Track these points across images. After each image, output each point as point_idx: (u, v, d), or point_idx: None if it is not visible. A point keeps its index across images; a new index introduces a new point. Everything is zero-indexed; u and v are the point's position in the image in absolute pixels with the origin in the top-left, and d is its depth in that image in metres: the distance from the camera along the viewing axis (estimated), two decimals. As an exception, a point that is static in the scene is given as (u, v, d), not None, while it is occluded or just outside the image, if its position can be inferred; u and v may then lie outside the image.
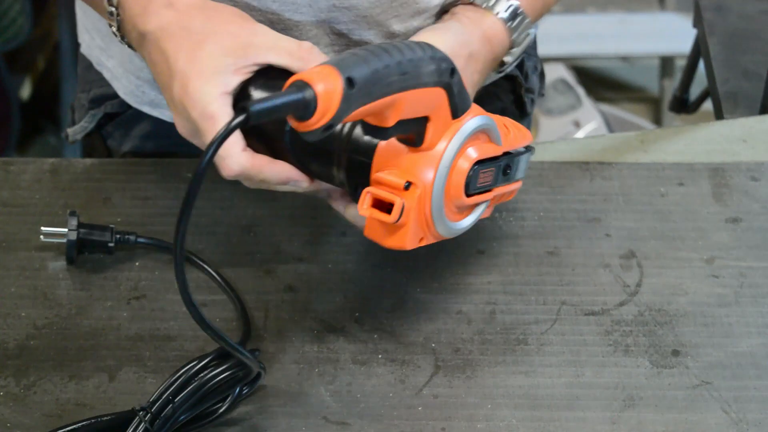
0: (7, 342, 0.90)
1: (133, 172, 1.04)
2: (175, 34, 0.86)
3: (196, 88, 0.83)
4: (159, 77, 0.87)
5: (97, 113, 1.12)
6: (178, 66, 0.84)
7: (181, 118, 0.85)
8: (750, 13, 1.51)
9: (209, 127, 0.83)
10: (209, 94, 0.83)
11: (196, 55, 0.84)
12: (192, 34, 0.85)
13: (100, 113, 1.12)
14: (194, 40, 0.85)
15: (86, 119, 1.12)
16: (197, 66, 0.84)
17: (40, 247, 0.96)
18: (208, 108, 0.83)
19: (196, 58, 0.84)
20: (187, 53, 0.85)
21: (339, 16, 0.96)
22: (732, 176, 1.05)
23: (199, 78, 0.84)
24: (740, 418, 0.85)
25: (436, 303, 0.93)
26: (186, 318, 0.91)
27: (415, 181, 0.81)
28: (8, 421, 0.84)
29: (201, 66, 0.84)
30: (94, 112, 1.12)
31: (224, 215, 1.00)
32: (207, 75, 0.84)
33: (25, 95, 2.35)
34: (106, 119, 1.12)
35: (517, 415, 0.85)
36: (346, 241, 0.98)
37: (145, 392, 0.86)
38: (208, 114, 0.83)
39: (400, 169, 0.82)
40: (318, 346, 0.90)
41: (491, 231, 0.99)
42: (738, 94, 1.39)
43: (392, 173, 0.82)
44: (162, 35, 0.86)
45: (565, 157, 1.06)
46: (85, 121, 1.12)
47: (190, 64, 0.84)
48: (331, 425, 0.84)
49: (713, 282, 0.95)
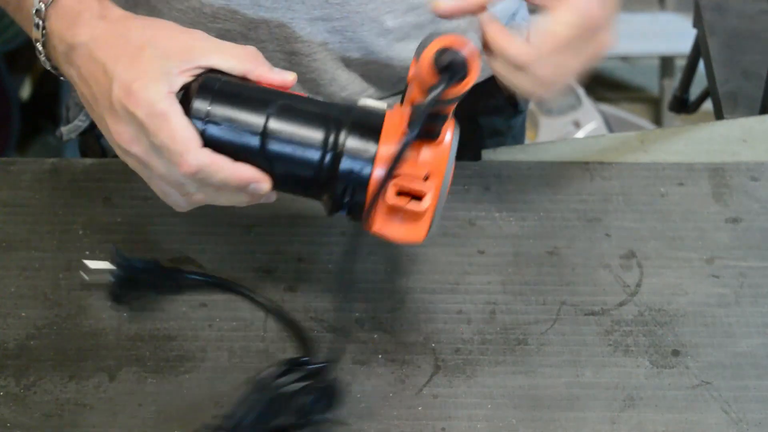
0: (7, 342, 0.90)
1: (133, 172, 1.04)
2: (111, 43, 0.82)
3: (140, 88, 0.80)
4: (92, 88, 0.83)
5: None
6: (118, 70, 0.81)
7: (122, 123, 0.81)
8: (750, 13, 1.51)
9: (160, 125, 0.80)
10: (157, 92, 0.80)
11: (138, 59, 0.81)
12: (130, 41, 0.82)
13: None
14: (134, 45, 0.82)
15: (80, 118, 1.12)
16: (140, 68, 0.81)
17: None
18: (157, 106, 0.80)
19: (137, 62, 0.81)
20: (127, 59, 0.81)
21: (332, 12, 0.96)
22: (732, 176, 1.05)
23: (143, 78, 0.80)
24: (740, 418, 0.85)
25: (436, 303, 0.93)
26: (186, 318, 0.92)
27: (434, 173, 0.81)
28: (8, 421, 0.84)
29: (144, 68, 0.81)
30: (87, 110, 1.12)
31: (224, 215, 1.00)
32: (151, 76, 0.80)
33: (25, 95, 2.35)
34: None
35: (517, 415, 0.85)
36: (346, 241, 0.98)
37: (145, 392, 0.86)
38: (158, 112, 0.80)
39: (409, 161, 0.81)
40: (318, 346, 0.90)
41: (491, 231, 0.99)
42: (738, 94, 1.39)
43: (404, 166, 0.81)
44: (96, 45, 0.83)
45: (565, 157, 1.06)
46: (79, 119, 1.12)
47: (132, 67, 0.81)
48: (331, 425, 0.84)
49: (713, 282, 0.95)
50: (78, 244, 0.97)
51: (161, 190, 0.84)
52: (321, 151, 0.82)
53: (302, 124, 0.82)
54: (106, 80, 0.81)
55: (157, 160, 0.81)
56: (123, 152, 0.83)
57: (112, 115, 0.82)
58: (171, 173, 0.81)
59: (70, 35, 0.84)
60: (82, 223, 0.99)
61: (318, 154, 0.82)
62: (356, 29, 0.98)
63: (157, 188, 0.84)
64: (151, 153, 0.81)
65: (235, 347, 0.90)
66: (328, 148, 0.82)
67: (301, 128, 0.82)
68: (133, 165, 0.84)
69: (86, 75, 0.83)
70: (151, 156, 0.81)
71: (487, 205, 1.01)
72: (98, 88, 0.82)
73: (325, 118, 0.82)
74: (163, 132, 0.80)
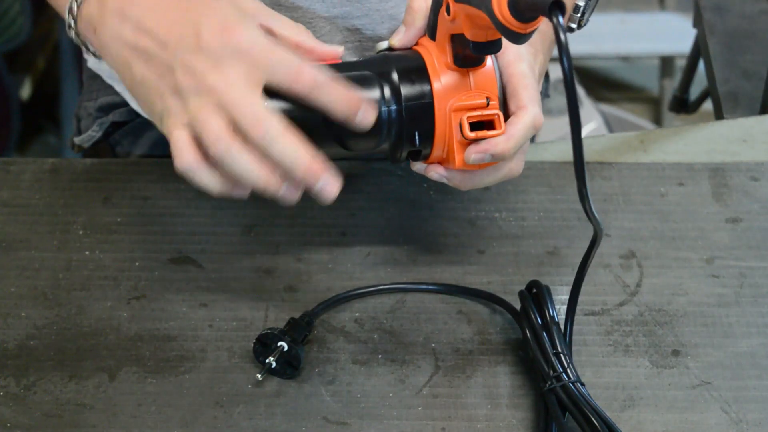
0: (7, 342, 0.90)
1: (133, 172, 1.04)
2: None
3: (236, 24, 0.80)
4: (161, 36, 0.81)
5: (105, 121, 1.11)
6: (202, 16, 0.80)
7: (212, 58, 0.79)
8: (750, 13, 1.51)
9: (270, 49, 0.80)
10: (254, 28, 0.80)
11: (214, 7, 0.81)
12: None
13: (107, 121, 1.11)
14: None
15: (93, 128, 1.12)
16: (223, 12, 0.81)
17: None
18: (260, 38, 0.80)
19: (217, 9, 0.81)
20: (203, 6, 0.81)
21: (352, 10, 0.96)
22: (732, 176, 1.05)
23: (234, 18, 0.80)
24: (740, 418, 0.85)
25: (436, 303, 0.93)
26: (186, 318, 0.92)
27: (491, 96, 0.85)
28: (8, 421, 0.84)
29: (225, 12, 0.81)
30: (101, 121, 1.12)
31: (224, 215, 1.00)
32: (239, 18, 0.81)
33: (25, 95, 2.35)
34: (114, 127, 1.12)
35: (517, 415, 0.85)
36: (346, 241, 0.98)
37: (145, 392, 0.86)
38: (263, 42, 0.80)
39: (465, 92, 0.85)
40: (318, 346, 0.90)
41: (491, 231, 0.99)
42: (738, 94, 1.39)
43: (464, 98, 0.85)
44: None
45: (565, 157, 1.06)
46: (93, 130, 1.12)
47: (215, 12, 0.81)
48: (331, 425, 0.84)
49: (713, 282, 0.95)
50: (78, 244, 0.97)
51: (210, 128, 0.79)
52: (383, 107, 0.85)
53: (356, 88, 0.83)
54: (188, 24, 0.80)
55: (238, 88, 0.79)
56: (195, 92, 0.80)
57: (197, 52, 0.80)
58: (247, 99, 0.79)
59: None
60: (82, 223, 0.99)
61: (382, 111, 0.84)
62: (375, 27, 0.98)
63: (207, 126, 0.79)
64: (237, 82, 0.79)
65: (235, 347, 0.90)
66: (389, 102, 0.85)
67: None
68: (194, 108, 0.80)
69: (151, 24, 0.82)
70: (234, 85, 0.79)
71: (487, 205, 1.01)
72: (176, 32, 0.81)
73: (373, 76, 0.85)
74: (276, 53, 0.80)
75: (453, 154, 0.86)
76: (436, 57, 0.86)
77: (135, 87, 0.84)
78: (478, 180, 0.88)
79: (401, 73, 0.85)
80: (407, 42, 0.88)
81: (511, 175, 0.89)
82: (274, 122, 0.78)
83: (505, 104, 0.87)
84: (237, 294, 0.94)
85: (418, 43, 0.88)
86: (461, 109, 0.85)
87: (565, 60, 0.70)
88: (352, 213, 1.01)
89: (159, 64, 0.81)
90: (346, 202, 1.01)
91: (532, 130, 0.86)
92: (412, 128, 0.86)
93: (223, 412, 0.85)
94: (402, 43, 0.88)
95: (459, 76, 0.85)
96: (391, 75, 0.85)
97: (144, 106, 0.85)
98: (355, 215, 1.00)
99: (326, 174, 0.79)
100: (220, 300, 0.93)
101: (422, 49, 0.87)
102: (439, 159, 0.88)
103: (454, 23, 0.82)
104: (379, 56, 0.88)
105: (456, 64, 0.85)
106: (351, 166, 1.03)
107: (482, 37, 0.80)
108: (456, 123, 0.85)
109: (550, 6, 0.71)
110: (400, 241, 0.98)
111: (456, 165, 0.86)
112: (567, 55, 0.70)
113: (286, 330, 0.88)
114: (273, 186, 0.79)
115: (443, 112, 0.85)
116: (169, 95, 0.81)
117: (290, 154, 0.78)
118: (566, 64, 0.70)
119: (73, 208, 1.00)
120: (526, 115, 0.85)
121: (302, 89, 0.80)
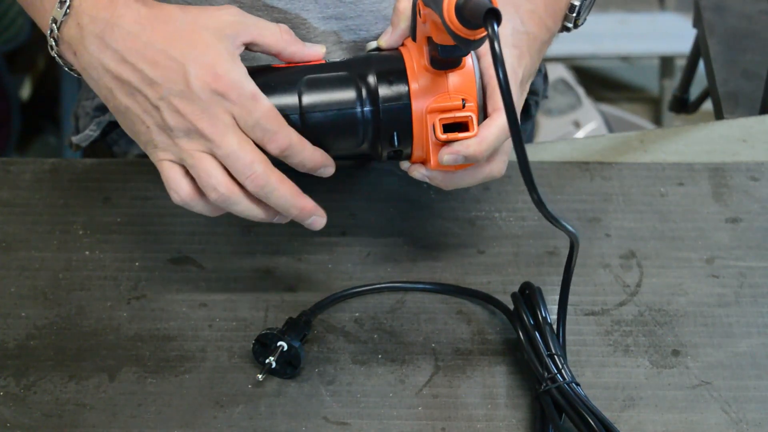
0: (7, 342, 0.90)
1: (133, 172, 1.04)
2: (160, 28, 0.83)
3: (226, 71, 0.82)
4: (145, 72, 0.83)
5: (103, 120, 1.11)
6: (188, 55, 0.82)
7: (200, 104, 0.82)
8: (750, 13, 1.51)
9: (254, 104, 0.82)
10: (241, 73, 0.83)
11: (198, 43, 0.82)
12: (177, 24, 0.83)
13: (105, 120, 1.11)
14: (183, 29, 0.83)
15: (91, 127, 1.12)
16: (209, 51, 0.82)
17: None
18: (247, 88, 0.82)
19: (200, 46, 0.82)
20: (185, 43, 0.82)
21: (345, 11, 0.96)
22: (732, 176, 1.05)
23: (221, 61, 0.82)
24: (740, 418, 0.85)
25: (435, 303, 0.93)
26: (186, 318, 0.92)
27: (469, 97, 0.85)
28: (8, 421, 0.84)
29: (212, 51, 0.82)
30: (99, 120, 1.12)
31: (224, 215, 1.00)
32: (225, 57, 0.82)
33: (25, 95, 2.35)
34: (111, 126, 1.12)
35: (517, 415, 0.85)
36: (346, 241, 0.98)
37: (145, 392, 0.86)
38: (249, 93, 0.82)
39: (442, 93, 0.85)
40: (318, 346, 0.90)
41: (491, 231, 0.99)
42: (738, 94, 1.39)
43: (439, 99, 0.85)
44: (144, 28, 0.83)
45: (565, 157, 1.06)
46: (90, 129, 1.12)
47: (200, 51, 0.82)
48: (331, 425, 0.84)
49: (713, 282, 0.95)
50: (78, 244, 0.97)
51: (208, 178, 0.83)
52: (359, 108, 0.86)
53: (332, 89, 0.86)
54: (174, 64, 0.82)
55: (232, 138, 0.82)
56: (186, 131, 0.83)
57: (186, 97, 0.82)
58: (241, 153, 0.82)
59: (108, 14, 0.83)
60: (82, 223, 0.99)
61: (357, 111, 0.86)
62: (369, 28, 0.98)
63: (205, 176, 0.83)
64: (230, 131, 0.83)
65: (235, 347, 0.90)
66: (364, 103, 0.86)
67: (332, 94, 0.86)
68: (185, 149, 0.83)
69: (135, 58, 0.83)
70: (228, 134, 0.82)
71: (487, 205, 1.01)
72: (160, 72, 0.82)
73: (351, 77, 0.86)
74: (258, 111, 0.82)
75: (429, 155, 0.87)
76: (415, 59, 0.86)
77: (118, 113, 0.86)
78: (458, 180, 0.89)
79: (380, 75, 0.86)
80: (393, 43, 0.89)
81: (492, 175, 0.89)
82: (272, 178, 0.83)
83: (485, 106, 0.87)
84: (237, 294, 0.94)
85: (404, 44, 0.88)
86: (436, 111, 0.85)
87: (500, 72, 0.71)
88: (352, 213, 1.01)
89: (143, 101, 0.84)
90: (346, 202, 1.01)
91: (507, 133, 0.86)
92: (390, 129, 0.86)
93: (223, 412, 0.85)
94: (388, 44, 0.89)
95: (437, 77, 0.85)
96: (369, 76, 0.86)
97: (127, 130, 0.87)
98: (355, 215, 1.01)
99: (315, 212, 0.87)
100: (220, 300, 0.93)
101: (405, 51, 0.87)
102: (421, 159, 0.88)
103: (425, 26, 0.83)
104: (362, 57, 0.89)
105: (433, 66, 0.85)
106: (351, 166, 1.03)
107: (447, 41, 0.80)
108: (431, 124, 0.85)
109: (484, 14, 0.71)
110: (400, 241, 0.98)
111: (432, 166, 0.87)
112: (502, 66, 0.71)
113: (285, 330, 0.88)
114: (267, 219, 0.87)
115: (420, 114, 0.86)
116: (155, 130, 0.84)
117: (286, 201, 0.85)
118: (501, 74, 0.71)
119: (73, 208, 1.00)
120: (500, 117, 0.86)
121: (276, 148, 0.84)
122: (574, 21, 0.96)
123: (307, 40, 0.98)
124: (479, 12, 0.71)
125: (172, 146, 0.84)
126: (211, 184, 0.84)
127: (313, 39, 0.97)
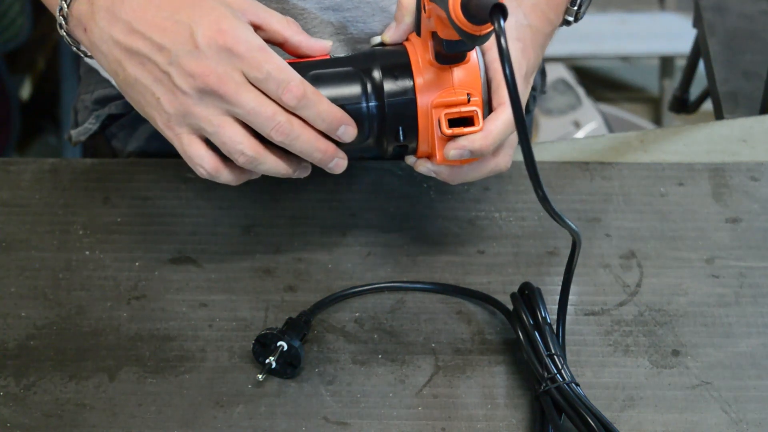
0: (7, 342, 0.90)
1: (133, 172, 1.04)
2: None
3: (232, 27, 0.81)
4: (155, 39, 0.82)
5: (102, 114, 1.12)
6: (194, 16, 0.82)
7: (211, 61, 0.81)
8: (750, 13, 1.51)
9: (264, 56, 0.81)
10: (248, 29, 0.82)
11: (204, 7, 0.82)
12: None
13: (104, 114, 1.11)
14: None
15: (90, 120, 1.12)
16: (215, 13, 0.82)
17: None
18: (255, 41, 0.82)
19: (207, 8, 0.82)
20: (191, 7, 0.82)
21: (343, 2, 0.96)
22: (732, 176, 1.05)
23: (227, 20, 0.82)
24: (740, 418, 0.85)
25: (435, 303, 0.93)
26: (186, 318, 0.92)
27: (474, 92, 0.85)
28: (8, 421, 0.84)
29: (218, 13, 0.82)
30: (98, 113, 1.12)
31: (224, 215, 1.00)
32: (232, 18, 0.82)
33: (25, 95, 2.35)
34: (110, 120, 1.12)
35: (517, 415, 0.85)
36: (346, 241, 0.98)
37: (145, 392, 0.86)
38: (258, 46, 0.81)
39: (447, 88, 0.85)
40: (318, 346, 0.90)
41: (491, 231, 0.99)
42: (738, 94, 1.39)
43: (444, 94, 0.85)
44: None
45: (565, 157, 1.06)
46: (89, 122, 1.12)
47: (206, 12, 0.82)
48: (331, 425, 0.84)
49: (713, 282, 0.95)
50: (78, 244, 0.97)
51: (233, 143, 0.83)
52: (364, 103, 0.86)
53: (337, 85, 0.86)
54: (181, 27, 0.81)
55: (248, 95, 0.82)
56: (200, 93, 0.82)
57: (195, 56, 0.81)
58: (262, 108, 0.82)
59: None
60: (82, 223, 0.99)
61: (362, 106, 0.86)
62: (366, 20, 0.98)
63: (229, 141, 0.83)
64: (243, 88, 0.82)
65: (235, 347, 0.90)
66: (369, 98, 0.86)
67: (337, 89, 0.86)
68: (202, 116, 0.83)
69: (143, 27, 0.83)
70: (242, 91, 0.82)
71: (487, 205, 1.01)
72: (168, 37, 0.82)
73: (355, 72, 0.86)
74: (270, 63, 0.82)
75: (435, 150, 0.87)
76: (420, 53, 0.86)
77: (128, 86, 0.85)
78: (464, 174, 0.89)
79: (385, 70, 0.86)
80: (397, 38, 0.89)
81: (498, 169, 0.89)
82: (294, 125, 0.82)
83: (489, 101, 0.87)
84: (237, 294, 0.94)
85: (408, 39, 0.88)
86: (441, 106, 0.85)
87: (507, 68, 0.70)
88: (352, 213, 1.01)
89: (153, 68, 0.83)
90: (346, 202, 1.01)
91: (512, 127, 0.86)
92: (395, 124, 0.86)
93: (223, 412, 0.85)
94: (392, 39, 0.89)
95: (442, 72, 0.86)
96: (374, 71, 0.86)
97: (137, 105, 0.86)
98: (355, 215, 1.00)
99: (337, 155, 0.86)
100: (220, 300, 0.93)
101: (410, 45, 0.88)
102: (426, 154, 0.88)
103: (430, 21, 0.83)
104: (367, 52, 0.89)
105: (438, 61, 0.85)
106: (351, 166, 1.03)
107: (453, 36, 0.80)
108: (437, 119, 0.86)
109: (491, 10, 0.71)
110: (400, 241, 0.98)
111: (438, 161, 0.87)
112: (509, 62, 0.71)
113: (285, 330, 0.88)
114: (291, 173, 0.86)
115: (425, 108, 0.86)
116: (167, 100, 0.83)
117: (311, 145, 0.84)
118: (508, 70, 0.70)
119: (73, 208, 1.00)
120: (505, 112, 0.86)
121: (292, 97, 0.82)
122: (575, 14, 0.96)
123: (305, 30, 0.98)
124: (485, 7, 0.71)
125: (188, 116, 0.82)
126: (238, 149, 0.83)
127: (311, 29, 0.98)
